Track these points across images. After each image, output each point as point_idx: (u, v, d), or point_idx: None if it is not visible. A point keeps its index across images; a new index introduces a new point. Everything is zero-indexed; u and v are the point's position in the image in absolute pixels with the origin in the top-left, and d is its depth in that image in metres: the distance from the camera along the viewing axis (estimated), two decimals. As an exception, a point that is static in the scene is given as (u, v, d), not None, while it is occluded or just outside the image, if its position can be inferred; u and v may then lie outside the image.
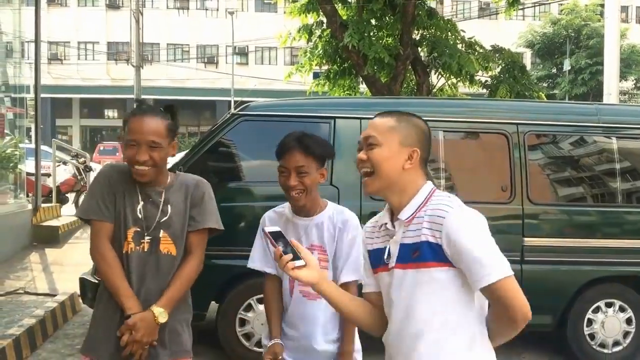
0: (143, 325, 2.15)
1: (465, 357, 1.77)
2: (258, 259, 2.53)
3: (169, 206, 2.27)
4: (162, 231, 2.25)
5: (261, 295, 2.73)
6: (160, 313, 2.19)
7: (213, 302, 4.80)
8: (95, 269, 4.42)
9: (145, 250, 2.23)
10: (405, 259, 1.80)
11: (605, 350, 4.94)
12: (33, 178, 9.41)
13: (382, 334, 1.93)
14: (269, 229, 1.92)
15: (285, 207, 2.54)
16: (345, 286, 2.33)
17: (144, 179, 2.22)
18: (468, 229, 1.72)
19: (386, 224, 1.89)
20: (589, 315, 4.91)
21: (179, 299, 2.28)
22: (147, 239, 2.23)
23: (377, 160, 1.81)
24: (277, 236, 1.87)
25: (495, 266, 1.69)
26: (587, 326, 4.91)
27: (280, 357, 2.41)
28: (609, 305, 4.94)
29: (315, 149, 2.40)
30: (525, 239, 4.78)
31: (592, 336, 4.93)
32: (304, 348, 2.48)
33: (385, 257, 1.86)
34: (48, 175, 12.09)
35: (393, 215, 1.87)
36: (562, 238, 4.87)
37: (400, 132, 1.84)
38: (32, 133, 10.36)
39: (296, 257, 1.82)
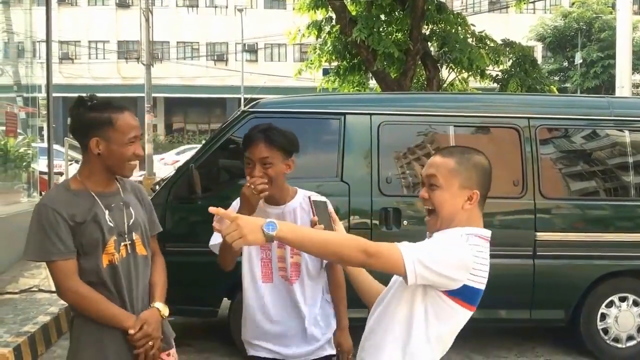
0: (153, 320, 2.22)
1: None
2: (215, 238, 2.51)
3: (130, 209, 2.28)
4: (134, 234, 2.26)
5: None
6: (163, 307, 2.29)
7: (225, 299, 4.83)
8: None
9: (124, 256, 2.22)
10: None
11: (619, 345, 4.91)
12: (46, 177, 9.47)
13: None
14: (316, 197, 2.04)
15: None
16: (330, 265, 2.50)
17: (132, 174, 2.29)
18: (440, 239, 1.84)
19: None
20: (603, 309, 4.89)
21: (165, 295, 2.37)
22: (123, 244, 2.22)
23: (439, 202, 1.90)
24: (320, 205, 2.05)
25: (410, 248, 1.77)
26: (600, 321, 4.89)
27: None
28: (622, 299, 4.91)
29: (279, 140, 2.42)
30: (538, 233, 4.76)
31: (605, 331, 4.90)
32: (291, 334, 2.52)
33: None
34: (61, 174, 12.18)
35: None
36: (574, 232, 4.84)
37: (461, 175, 1.90)
38: (45, 132, 10.43)
39: (329, 228, 2.00)
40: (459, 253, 1.79)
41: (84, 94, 2.26)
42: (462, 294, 1.80)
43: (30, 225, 2.18)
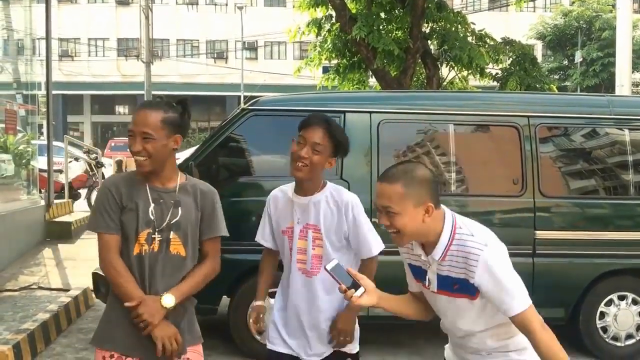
0: (150, 304, 2.26)
1: (501, 351, 2.15)
2: (260, 233, 2.78)
3: (179, 208, 2.34)
4: (172, 232, 2.32)
5: (275, 290, 2.84)
6: (166, 298, 2.28)
7: (224, 297, 4.82)
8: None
9: (156, 250, 2.30)
10: (446, 288, 2.10)
11: (618, 344, 4.92)
12: (45, 174, 9.48)
13: (429, 319, 2.32)
14: (330, 265, 2.09)
15: (289, 187, 2.68)
16: (364, 262, 2.62)
17: (144, 169, 2.30)
18: (499, 267, 1.99)
19: (420, 255, 2.14)
20: (602, 308, 4.89)
21: (191, 293, 2.38)
22: (157, 239, 2.30)
23: (401, 226, 2.05)
24: (337, 270, 2.08)
25: (519, 299, 1.99)
26: (599, 319, 4.89)
27: (262, 316, 2.69)
28: (621, 298, 4.92)
29: (337, 135, 2.55)
30: (537, 232, 4.76)
31: (604, 329, 4.91)
32: (301, 324, 2.63)
33: (426, 282, 2.16)
34: (60, 171, 12.18)
35: (424, 246, 2.12)
36: (574, 231, 4.84)
37: (411, 197, 2.02)
38: (44, 130, 10.43)
39: (356, 285, 2.07)
40: (505, 257, 2.06)
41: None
42: None
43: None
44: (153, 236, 2.30)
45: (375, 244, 2.60)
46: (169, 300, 2.29)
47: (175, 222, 2.32)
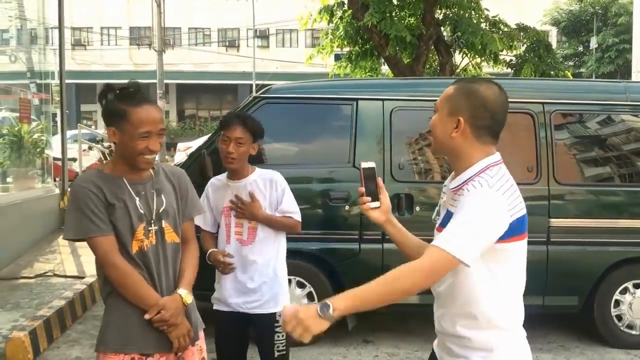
0: (172, 306, 2.23)
1: (474, 334, 1.87)
2: (200, 219, 3.04)
3: (162, 196, 2.29)
4: (163, 221, 2.28)
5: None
6: (186, 294, 2.29)
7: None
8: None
9: (154, 242, 2.26)
10: (444, 224, 1.88)
11: (633, 332, 4.88)
12: (60, 163, 9.54)
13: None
14: (366, 164, 2.05)
15: (223, 175, 3.20)
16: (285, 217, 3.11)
17: (151, 166, 2.27)
18: (468, 205, 1.77)
19: (445, 186, 2.02)
20: (616, 296, 4.86)
21: (193, 282, 2.40)
22: (153, 231, 2.25)
23: (431, 125, 1.96)
24: (369, 173, 2.04)
25: (452, 237, 1.73)
26: (614, 307, 4.86)
27: (224, 257, 3.03)
28: (636, 286, 4.88)
29: (251, 126, 3.04)
30: (552, 219, 4.73)
31: (619, 317, 4.87)
32: (237, 285, 3.07)
33: (434, 216, 2.07)
34: (74, 159, 12.26)
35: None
36: (589, 219, 4.80)
37: (451, 101, 1.91)
38: (58, 118, 10.48)
39: (375, 196, 2.04)
40: (490, 208, 1.77)
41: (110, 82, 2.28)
42: (510, 231, 1.82)
43: (67, 206, 2.25)
44: (149, 229, 2.24)
45: (296, 211, 3.13)
46: (189, 296, 2.29)
47: (163, 210, 2.28)
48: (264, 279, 3.06)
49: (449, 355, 1.95)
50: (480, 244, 1.75)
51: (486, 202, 1.77)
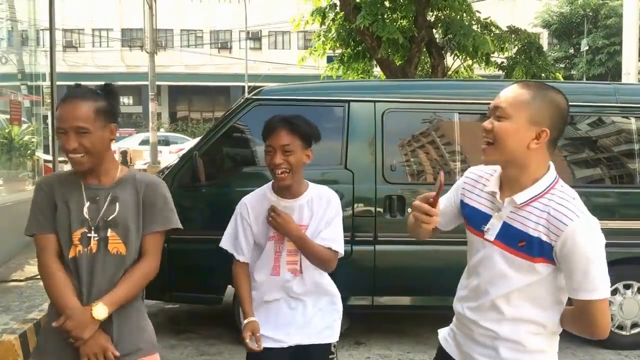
0: (77, 317, 2.06)
1: (529, 339, 1.85)
2: (229, 242, 2.61)
3: (116, 204, 2.15)
4: (109, 230, 2.13)
5: None
6: (97, 309, 2.07)
7: (230, 287, 4.84)
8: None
9: (94, 251, 2.12)
10: (508, 241, 1.81)
11: (624, 332, 4.91)
12: (50, 165, 9.49)
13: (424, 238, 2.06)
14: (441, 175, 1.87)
15: (265, 190, 2.61)
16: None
17: (82, 168, 2.12)
18: (590, 243, 1.72)
19: (495, 193, 1.88)
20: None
21: (128, 298, 2.15)
22: (94, 239, 2.12)
23: (501, 133, 1.78)
24: (439, 181, 1.84)
25: (600, 286, 1.72)
26: (605, 308, 4.88)
27: (258, 334, 2.49)
28: (627, 287, 4.91)
29: (300, 128, 2.46)
30: (542, 221, 4.74)
31: (610, 318, 4.89)
32: (285, 320, 2.57)
33: (484, 226, 1.88)
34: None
35: (502, 184, 1.86)
36: (579, 220, 4.81)
37: (532, 108, 1.77)
38: (49, 120, 10.44)
39: (433, 203, 1.84)
40: (602, 236, 1.77)
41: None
42: None
43: None
44: (89, 235, 2.11)
45: (339, 241, 2.54)
46: (100, 311, 2.06)
47: (112, 219, 2.13)
48: (318, 305, 2.60)
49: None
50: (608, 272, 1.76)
51: (596, 234, 1.74)
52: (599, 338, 1.79)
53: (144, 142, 23.56)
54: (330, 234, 2.51)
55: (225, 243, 2.62)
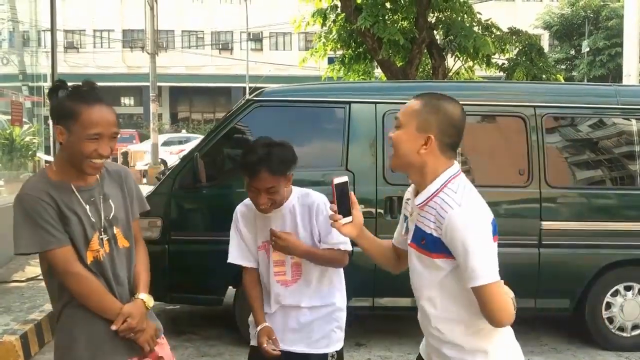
0: (137, 312, 2.17)
1: (463, 336, 1.91)
2: (237, 254, 2.62)
3: (110, 201, 2.18)
4: (114, 227, 2.18)
5: None
6: (147, 298, 2.22)
7: (230, 287, 4.84)
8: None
9: (108, 250, 2.16)
10: (417, 241, 1.95)
11: (624, 334, 4.90)
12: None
13: (396, 272, 2.21)
14: (338, 180, 2.01)
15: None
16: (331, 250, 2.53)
17: (97, 172, 2.14)
18: (466, 230, 1.79)
19: (408, 199, 2.04)
20: (608, 298, 4.88)
21: (150, 283, 2.32)
22: (105, 239, 2.15)
23: (396, 141, 1.93)
24: (342, 188, 2.00)
25: (483, 271, 1.78)
26: (605, 310, 4.88)
27: (274, 337, 2.53)
28: (627, 288, 4.90)
29: (282, 167, 2.42)
30: (543, 222, 4.75)
31: (610, 320, 4.89)
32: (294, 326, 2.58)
33: (404, 230, 2.06)
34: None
35: (416, 191, 1.98)
36: (580, 221, 4.82)
37: (419, 118, 1.90)
38: (50, 121, 10.46)
39: (346, 212, 2.00)
40: (482, 224, 1.82)
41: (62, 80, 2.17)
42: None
43: (15, 218, 2.05)
44: (101, 237, 2.14)
45: (344, 240, 2.52)
46: (151, 300, 2.22)
47: (113, 216, 2.17)
48: (314, 314, 2.59)
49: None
50: (494, 257, 1.82)
51: (473, 222, 1.81)
52: (498, 325, 1.82)
53: (167, 144, 23.61)
54: (334, 238, 2.50)
55: (231, 256, 2.63)
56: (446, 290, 1.90)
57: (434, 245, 1.86)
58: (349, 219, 2.01)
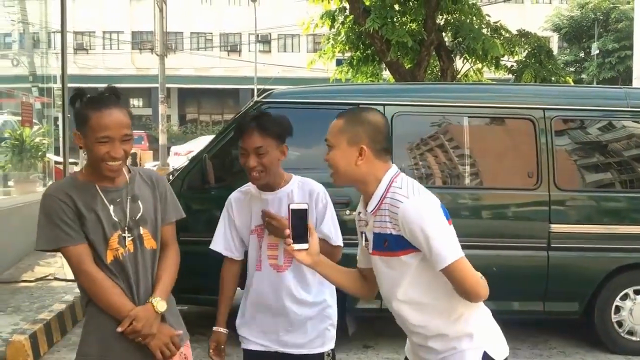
0: (144, 316, 2.14)
1: (446, 325, 1.96)
2: (221, 243, 2.61)
3: (138, 202, 2.22)
4: (141, 228, 2.21)
5: None
6: (158, 302, 2.19)
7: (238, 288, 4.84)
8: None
9: (131, 250, 2.18)
10: (378, 247, 2.00)
11: (634, 338, 4.87)
12: (61, 167, 9.56)
13: (369, 298, 2.24)
14: (295, 205, 2.04)
15: (250, 185, 2.59)
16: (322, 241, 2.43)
17: (116, 175, 2.17)
18: (418, 218, 1.87)
19: (360, 212, 2.11)
20: (617, 302, 4.85)
21: (171, 287, 2.30)
22: (129, 239, 2.18)
23: (332, 161, 2.04)
24: (299, 215, 2.02)
25: (446, 251, 1.86)
26: (614, 313, 4.85)
27: (222, 346, 2.55)
28: (637, 292, 4.87)
29: (272, 128, 2.44)
30: (552, 225, 4.73)
31: (619, 324, 4.87)
32: (273, 321, 2.54)
33: (364, 242, 2.10)
34: (75, 163, 12.28)
35: (366, 203, 2.06)
36: (589, 225, 4.80)
37: (347, 133, 2.00)
38: (60, 122, 10.52)
39: (303, 238, 2.01)
40: (431, 209, 1.91)
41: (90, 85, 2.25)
42: None
43: (38, 217, 2.16)
44: (123, 236, 2.16)
45: (336, 234, 2.54)
46: (162, 304, 2.19)
47: (140, 217, 2.21)
48: (306, 312, 2.52)
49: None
50: (452, 235, 1.90)
51: (424, 209, 1.89)
52: (477, 299, 1.89)
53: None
54: (324, 229, 2.49)
55: (214, 243, 2.62)
56: (419, 285, 1.95)
57: (396, 244, 1.93)
58: (304, 245, 2.02)
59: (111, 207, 2.16)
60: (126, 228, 2.17)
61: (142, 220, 2.22)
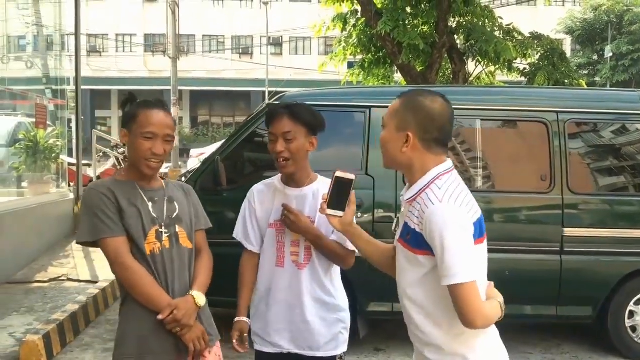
0: (185, 306, 2.21)
1: (444, 338, 1.88)
2: (241, 232, 2.61)
3: (175, 203, 2.34)
4: (177, 226, 2.30)
5: None
6: (198, 296, 2.27)
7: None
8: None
9: (167, 246, 2.26)
10: (403, 236, 1.94)
11: (647, 343, 4.83)
12: (74, 168, 9.63)
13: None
14: (341, 174, 2.04)
15: (274, 179, 2.59)
16: (337, 244, 2.46)
17: (154, 172, 2.29)
18: (443, 227, 1.77)
19: (402, 196, 2.00)
20: (631, 307, 4.81)
21: (208, 286, 2.38)
22: (166, 235, 2.26)
23: (382, 142, 1.96)
24: (343, 184, 2.04)
25: (457, 269, 1.75)
26: (628, 318, 4.81)
27: (245, 335, 2.53)
28: (651, 297, 4.83)
29: (302, 115, 2.43)
30: (565, 229, 4.70)
31: (633, 328, 4.82)
32: (290, 319, 2.50)
33: (394, 226, 2.08)
34: (89, 165, 12.36)
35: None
36: (603, 228, 4.76)
37: (398, 117, 1.91)
38: (73, 124, 10.60)
39: (340, 207, 2.03)
40: (458, 223, 1.78)
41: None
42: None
43: (80, 211, 2.28)
44: (160, 231, 2.25)
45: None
46: (202, 298, 2.28)
47: (176, 216, 2.31)
48: (320, 311, 2.50)
49: None
50: (471, 256, 1.78)
51: (452, 219, 1.78)
52: (470, 327, 1.78)
53: None
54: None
55: (236, 232, 2.64)
56: (427, 290, 1.88)
57: (416, 241, 1.86)
58: (339, 212, 2.04)
59: (150, 204, 2.26)
60: (163, 224, 2.26)
61: (178, 219, 2.32)
